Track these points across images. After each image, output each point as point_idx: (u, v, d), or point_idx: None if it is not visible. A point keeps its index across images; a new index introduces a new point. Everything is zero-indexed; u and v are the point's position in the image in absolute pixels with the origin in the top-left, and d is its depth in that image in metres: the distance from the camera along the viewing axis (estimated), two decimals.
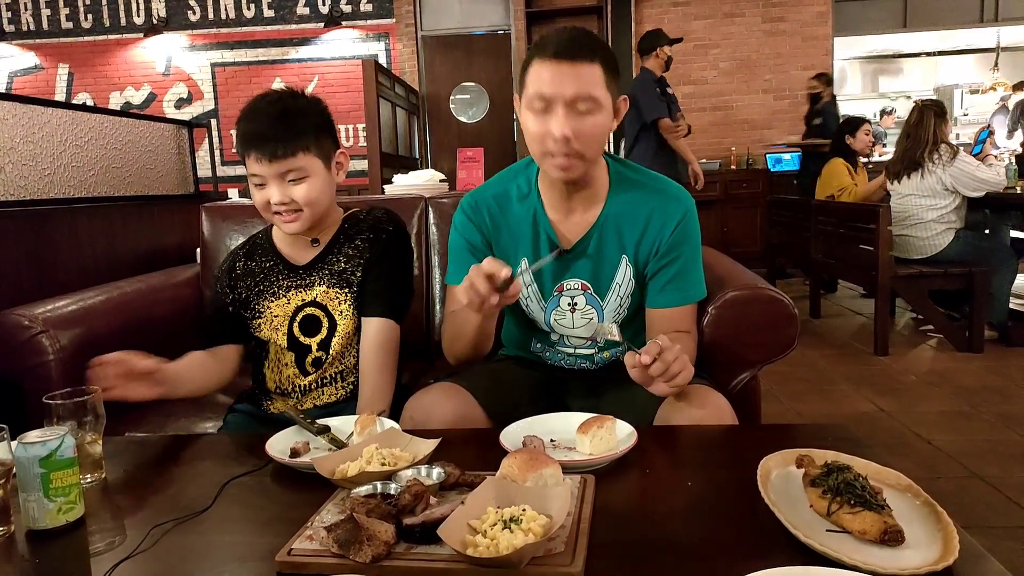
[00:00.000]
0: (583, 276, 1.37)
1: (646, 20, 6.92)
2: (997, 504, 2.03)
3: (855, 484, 0.79)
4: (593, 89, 1.20)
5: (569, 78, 1.19)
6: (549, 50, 1.20)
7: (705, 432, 1.14)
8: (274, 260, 1.45)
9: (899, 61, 8.74)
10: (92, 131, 2.44)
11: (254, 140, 1.31)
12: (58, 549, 0.87)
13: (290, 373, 1.43)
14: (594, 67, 1.21)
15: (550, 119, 1.21)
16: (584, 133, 1.22)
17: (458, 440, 1.11)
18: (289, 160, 1.31)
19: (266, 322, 1.42)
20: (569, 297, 1.38)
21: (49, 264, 2.02)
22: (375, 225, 1.45)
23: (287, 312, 1.42)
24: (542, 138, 1.23)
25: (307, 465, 0.98)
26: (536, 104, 1.22)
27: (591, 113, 1.21)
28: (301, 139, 1.32)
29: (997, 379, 3.18)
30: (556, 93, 1.20)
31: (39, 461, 0.88)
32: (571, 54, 1.19)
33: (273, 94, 1.36)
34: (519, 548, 0.70)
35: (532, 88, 1.22)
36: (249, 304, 1.44)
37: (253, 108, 1.35)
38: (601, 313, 1.38)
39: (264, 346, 1.45)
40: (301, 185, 1.33)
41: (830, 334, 4.22)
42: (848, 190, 4.49)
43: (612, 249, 1.35)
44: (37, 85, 7.36)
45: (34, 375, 1.52)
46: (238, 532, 0.89)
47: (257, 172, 1.32)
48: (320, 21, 7.11)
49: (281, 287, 1.43)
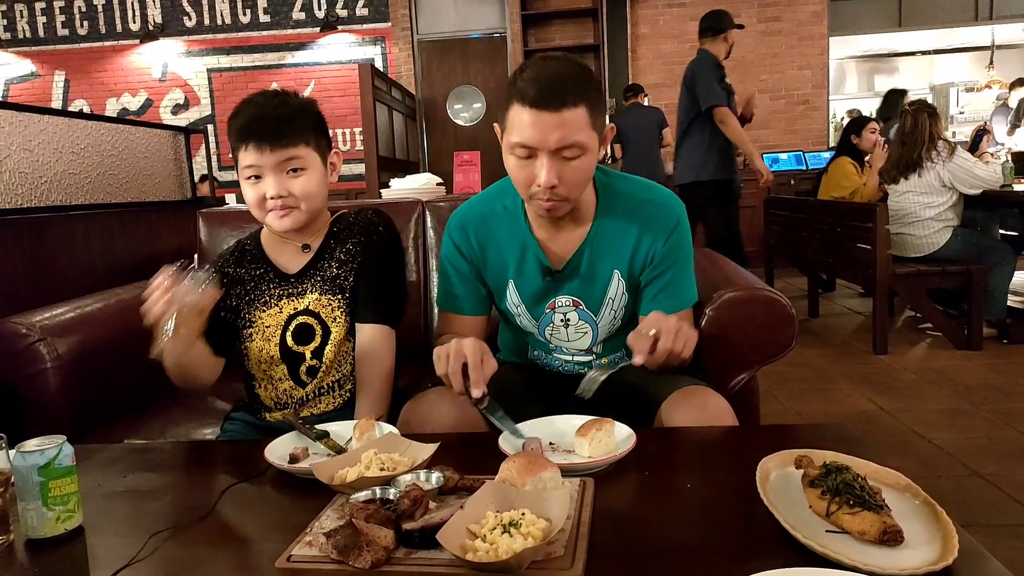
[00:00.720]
0: (574, 294, 1.35)
1: (642, 22, 6.94)
2: (998, 502, 2.03)
3: (854, 484, 0.79)
4: (578, 135, 1.16)
5: (553, 127, 1.14)
6: (530, 95, 1.14)
7: (704, 433, 1.14)
8: (264, 268, 1.42)
9: (894, 60, 8.76)
10: (89, 138, 2.43)
11: (254, 129, 1.27)
12: (57, 558, 0.86)
13: (286, 386, 1.40)
14: (578, 111, 1.15)
15: (535, 165, 1.18)
16: (570, 178, 1.19)
17: (457, 444, 1.11)
18: (291, 149, 1.28)
19: (258, 332, 1.39)
20: (561, 314, 1.37)
21: (46, 272, 2.01)
22: (366, 228, 1.42)
23: (279, 322, 1.39)
24: (527, 183, 1.21)
25: (306, 471, 0.98)
26: (519, 151, 1.19)
27: (577, 158, 1.18)
28: (302, 130, 1.31)
29: (996, 376, 3.19)
30: (540, 143, 1.15)
31: (37, 470, 0.87)
32: (554, 102, 1.13)
33: (269, 91, 1.35)
34: (519, 552, 0.70)
35: (514, 136, 1.18)
36: (240, 313, 1.41)
37: (250, 101, 1.32)
38: (595, 327, 1.38)
39: (250, 366, 1.42)
40: (300, 178, 1.30)
41: (828, 333, 4.22)
42: (859, 191, 4.47)
43: (603, 265, 1.33)
44: (33, 92, 7.36)
45: (31, 383, 1.51)
46: (238, 539, 0.89)
47: (254, 163, 1.28)
48: (316, 26, 7.12)
49: (272, 296, 1.39)
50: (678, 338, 1.10)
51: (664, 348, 1.09)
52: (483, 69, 7.12)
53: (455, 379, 1.12)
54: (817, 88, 6.98)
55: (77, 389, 1.56)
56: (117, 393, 1.68)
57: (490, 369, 1.13)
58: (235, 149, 1.31)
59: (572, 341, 1.40)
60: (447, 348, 1.13)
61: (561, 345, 1.42)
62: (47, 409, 1.52)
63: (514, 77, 1.20)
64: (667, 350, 1.09)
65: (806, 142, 6.88)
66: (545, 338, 1.41)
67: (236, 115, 1.31)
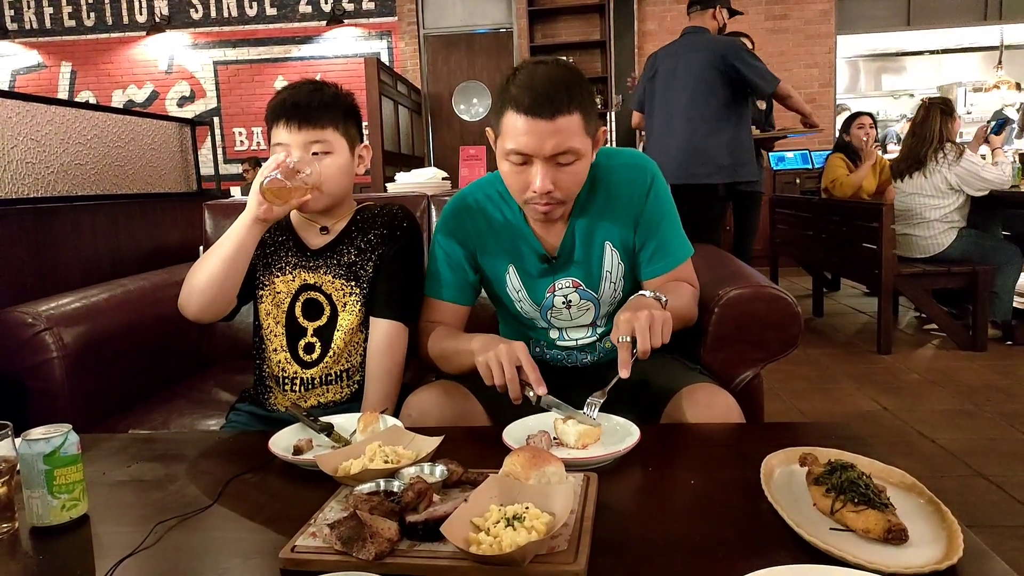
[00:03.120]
0: (573, 275, 1.37)
1: (649, 18, 6.92)
2: (1001, 503, 2.02)
3: (859, 482, 0.79)
4: (572, 141, 1.17)
5: (547, 135, 1.15)
6: (524, 102, 1.14)
7: (708, 430, 1.14)
8: (287, 236, 1.45)
9: (902, 59, 8.72)
10: (95, 129, 2.44)
11: (287, 107, 1.33)
12: (62, 546, 0.87)
13: (281, 358, 1.41)
14: (572, 118, 1.16)
15: (529, 171, 1.20)
16: (565, 183, 1.21)
17: (461, 438, 1.12)
18: (318, 131, 1.33)
19: (268, 295, 1.43)
20: (563, 296, 1.38)
21: (52, 262, 2.02)
22: (390, 221, 1.45)
23: (291, 289, 1.42)
24: (522, 189, 1.22)
25: (310, 462, 0.98)
26: (514, 158, 1.20)
27: (571, 164, 1.19)
28: (332, 114, 1.35)
29: (1001, 378, 3.18)
30: (535, 151, 1.16)
31: (43, 458, 0.88)
32: (548, 110, 1.14)
33: (311, 80, 1.41)
34: (522, 546, 0.70)
35: (509, 142, 1.18)
36: (255, 274, 1.44)
37: (291, 86, 1.38)
38: (597, 303, 1.39)
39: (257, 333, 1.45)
40: (324, 160, 1.34)
41: (833, 332, 4.21)
42: (839, 180, 4.49)
43: (595, 241, 1.35)
44: (40, 83, 7.37)
45: (37, 373, 1.52)
46: (241, 529, 0.89)
47: (283, 141, 1.33)
48: (322, 19, 7.11)
49: (289, 264, 1.43)
50: (653, 332, 1.10)
51: (643, 349, 1.09)
52: (489, 64, 7.10)
53: (513, 385, 1.11)
54: (824, 87, 6.95)
55: (82, 379, 1.56)
56: (122, 383, 1.69)
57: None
58: (270, 130, 1.37)
59: (575, 319, 1.40)
60: (494, 357, 1.12)
61: (564, 327, 1.42)
62: (52, 398, 1.52)
63: (507, 82, 1.19)
64: (646, 351, 1.09)
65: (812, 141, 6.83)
66: (548, 322, 1.41)
67: (275, 97, 1.37)
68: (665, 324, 1.11)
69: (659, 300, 1.19)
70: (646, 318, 1.10)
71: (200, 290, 1.32)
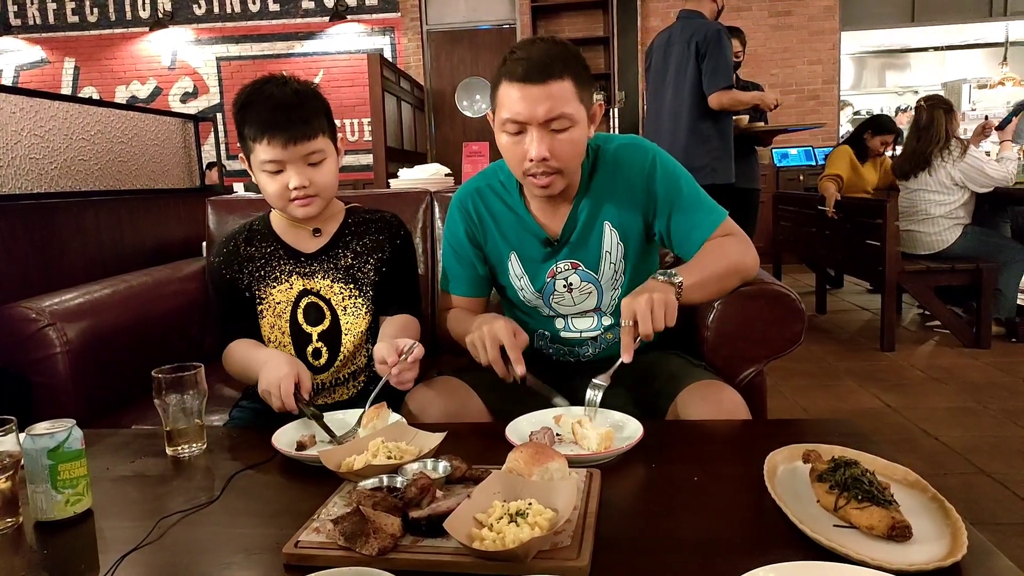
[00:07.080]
0: (571, 256, 1.38)
1: (652, 14, 6.90)
2: (1005, 500, 2.02)
3: (863, 479, 0.79)
4: (566, 107, 1.19)
5: (540, 100, 1.18)
6: (518, 72, 1.18)
7: (711, 427, 1.14)
8: (275, 246, 1.44)
9: (907, 56, 8.69)
10: (98, 125, 2.44)
11: (271, 125, 1.27)
12: (66, 540, 0.87)
13: None
14: (564, 83, 1.19)
15: (525, 140, 1.22)
16: (561, 151, 1.22)
17: (464, 434, 1.12)
18: (312, 142, 1.31)
19: (268, 308, 1.42)
20: (563, 279, 1.39)
21: (56, 257, 2.02)
22: (388, 228, 1.47)
23: (290, 298, 1.41)
24: (520, 160, 1.24)
25: (313, 458, 0.98)
26: (509, 127, 1.22)
27: (566, 130, 1.21)
28: (319, 120, 1.33)
29: (1004, 375, 3.17)
30: (529, 116, 1.19)
31: (47, 453, 0.88)
32: (540, 75, 1.17)
33: (275, 78, 1.33)
34: (525, 542, 0.70)
35: (504, 112, 1.22)
36: (251, 290, 1.43)
37: (260, 92, 1.30)
38: (599, 285, 1.39)
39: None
40: (320, 168, 1.33)
41: (836, 329, 4.20)
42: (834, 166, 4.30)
43: (595, 223, 1.36)
44: (43, 79, 7.38)
45: (41, 368, 1.52)
46: (245, 524, 0.89)
47: (274, 158, 1.29)
48: (325, 15, 7.11)
49: (283, 272, 1.42)
50: (655, 316, 1.12)
51: (645, 333, 1.12)
52: (492, 61, 7.08)
53: (497, 366, 1.18)
54: (828, 83, 6.93)
55: (86, 374, 1.56)
56: (126, 378, 1.69)
57: (522, 343, 1.20)
58: (250, 139, 1.31)
59: (578, 304, 1.41)
60: (479, 336, 1.19)
61: (568, 313, 1.42)
62: (56, 394, 1.53)
63: (503, 60, 1.24)
64: (648, 334, 1.13)
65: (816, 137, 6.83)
66: (552, 308, 1.42)
67: (248, 105, 1.30)
68: (668, 307, 1.13)
69: (671, 282, 1.20)
70: (646, 302, 1.12)
71: (236, 376, 1.42)
